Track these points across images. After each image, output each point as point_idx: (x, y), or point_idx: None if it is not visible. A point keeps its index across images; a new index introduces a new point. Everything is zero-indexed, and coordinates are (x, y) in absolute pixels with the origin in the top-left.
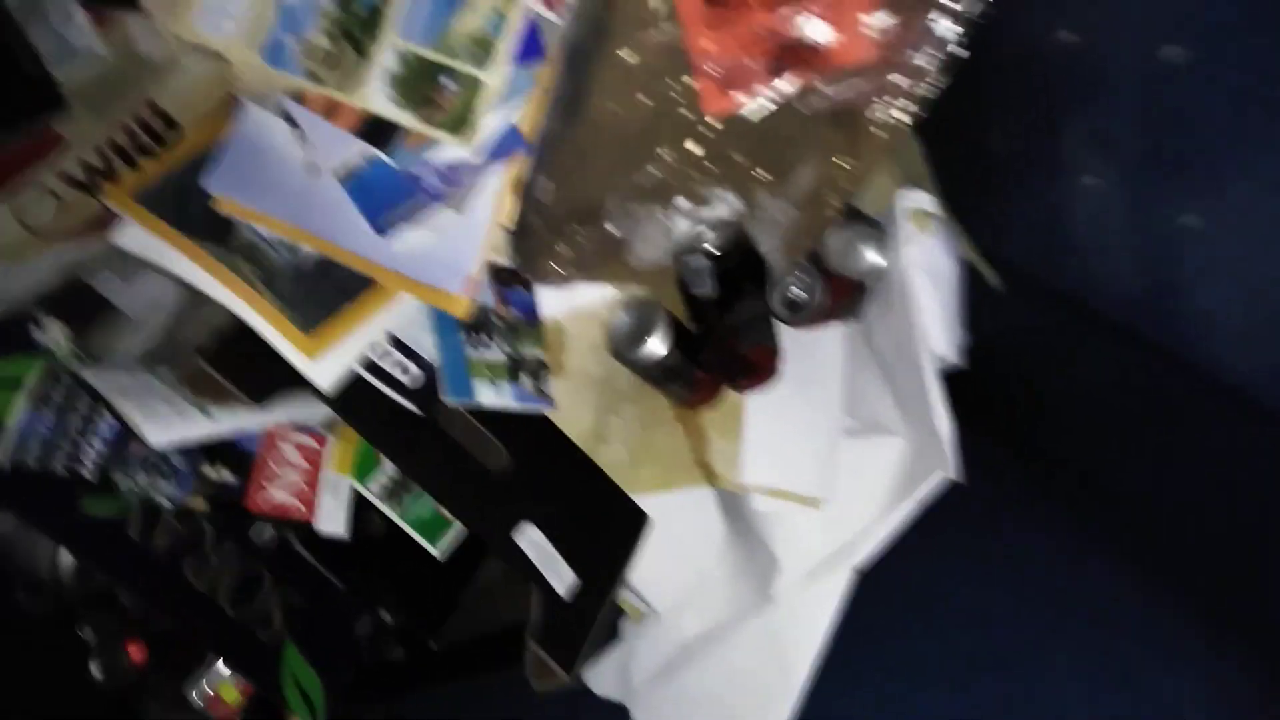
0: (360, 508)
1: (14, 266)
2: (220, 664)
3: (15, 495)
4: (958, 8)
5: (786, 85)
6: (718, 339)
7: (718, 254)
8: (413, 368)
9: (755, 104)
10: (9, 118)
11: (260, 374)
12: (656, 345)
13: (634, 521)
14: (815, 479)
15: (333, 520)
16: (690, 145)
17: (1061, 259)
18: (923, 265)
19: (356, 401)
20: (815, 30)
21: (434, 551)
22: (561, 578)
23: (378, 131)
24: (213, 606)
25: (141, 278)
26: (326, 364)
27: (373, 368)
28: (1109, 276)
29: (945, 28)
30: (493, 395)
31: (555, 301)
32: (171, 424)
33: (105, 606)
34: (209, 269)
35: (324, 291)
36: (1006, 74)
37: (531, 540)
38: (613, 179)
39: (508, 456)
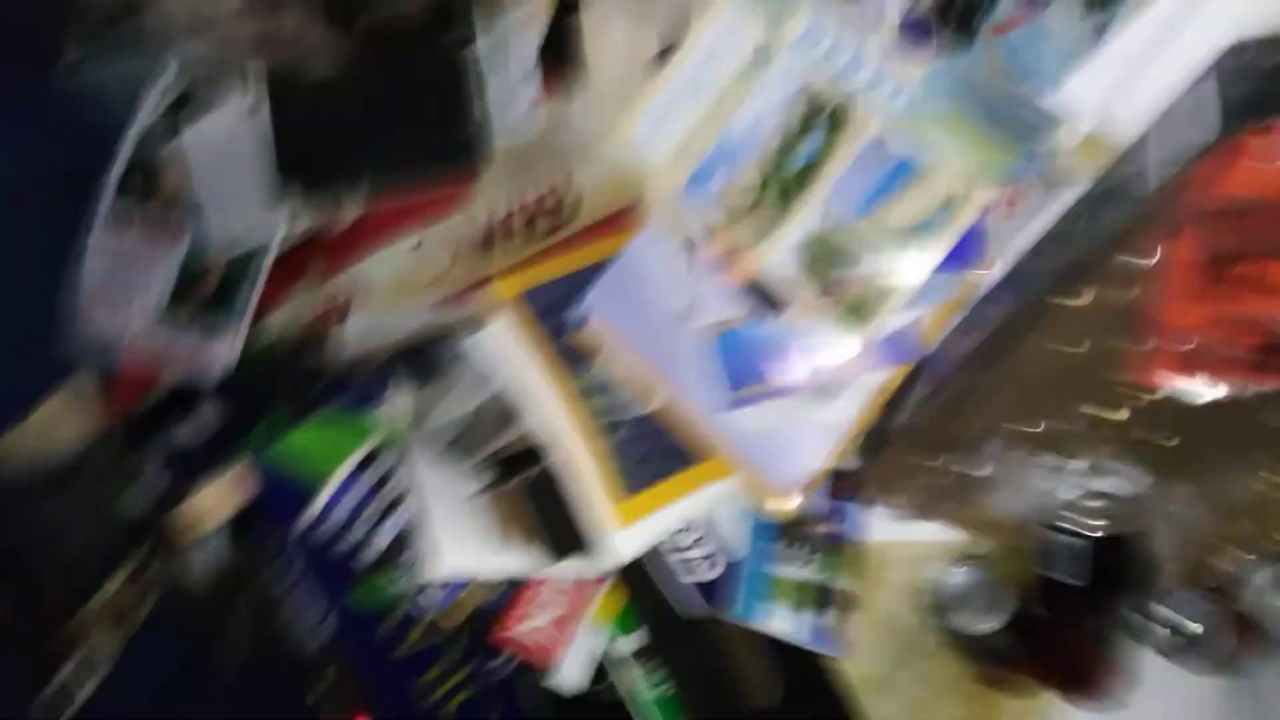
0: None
1: (390, 313)
2: None
3: (300, 563)
4: None
5: (1265, 385)
6: (1066, 637)
7: (1094, 538)
8: (719, 562)
9: (1212, 392)
10: (439, 165)
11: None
12: (990, 623)
13: None
14: None
15: (571, 673)
16: (1117, 413)
17: None
18: None
19: (642, 573)
20: None
21: None
22: None
23: (764, 295)
24: None
25: None
26: (633, 534)
27: (675, 549)
28: None
29: None
30: (787, 625)
31: (887, 529)
32: (466, 553)
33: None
34: (562, 397)
35: (660, 451)
36: None
37: None
38: (1006, 420)
39: (780, 694)
